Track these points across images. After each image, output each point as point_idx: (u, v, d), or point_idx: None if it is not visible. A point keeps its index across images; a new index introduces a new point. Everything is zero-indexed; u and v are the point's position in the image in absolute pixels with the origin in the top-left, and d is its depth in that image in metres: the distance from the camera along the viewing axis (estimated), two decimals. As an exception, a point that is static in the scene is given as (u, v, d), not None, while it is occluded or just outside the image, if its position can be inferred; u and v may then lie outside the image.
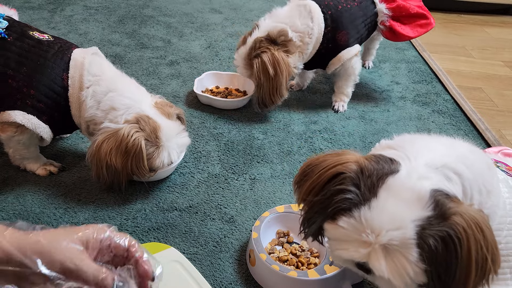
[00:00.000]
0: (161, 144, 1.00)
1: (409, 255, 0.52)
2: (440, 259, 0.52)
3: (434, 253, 0.52)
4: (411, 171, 0.56)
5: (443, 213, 0.52)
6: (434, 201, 0.53)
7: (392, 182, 0.55)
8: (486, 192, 0.62)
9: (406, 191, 0.54)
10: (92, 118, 1.01)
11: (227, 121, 1.38)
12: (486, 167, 0.64)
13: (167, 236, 0.96)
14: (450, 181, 0.57)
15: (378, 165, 0.58)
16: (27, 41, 1.00)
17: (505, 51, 2.10)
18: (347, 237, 0.56)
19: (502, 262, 0.64)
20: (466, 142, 0.67)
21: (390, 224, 0.53)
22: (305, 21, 1.30)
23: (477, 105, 1.57)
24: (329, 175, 0.59)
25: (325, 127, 1.39)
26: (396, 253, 0.53)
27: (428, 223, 0.52)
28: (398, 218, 0.53)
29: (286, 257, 0.89)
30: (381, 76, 1.73)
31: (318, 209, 0.61)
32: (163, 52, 1.79)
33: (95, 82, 1.00)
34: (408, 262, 0.52)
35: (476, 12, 2.56)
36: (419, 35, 1.41)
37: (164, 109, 1.04)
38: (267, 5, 2.43)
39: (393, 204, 0.54)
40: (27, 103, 0.97)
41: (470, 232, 0.51)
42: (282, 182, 1.14)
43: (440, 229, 0.52)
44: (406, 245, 0.52)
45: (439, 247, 0.52)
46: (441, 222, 0.52)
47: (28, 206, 1.01)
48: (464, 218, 0.52)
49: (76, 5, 2.20)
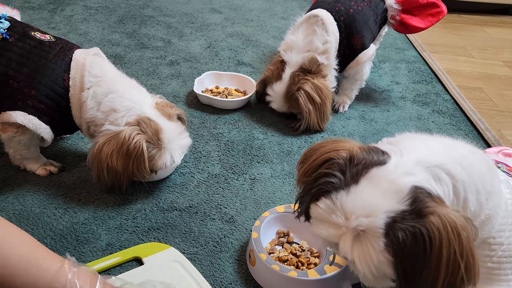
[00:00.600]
0: (163, 146, 0.99)
1: (375, 243, 0.54)
2: (407, 254, 0.52)
3: (401, 247, 0.52)
4: (398, 165, 0.57)
5: (420, 210, 0.53)
6: (412, 197, 0.54)
7: (375, 172, 0.57)
8: (485, 193, 0.61)
9: (386, 183, 0.55)
10: (93, 119, 1.01)
11: (227, 121, 1.38)
12: (486, 168, 0.64)
13: (167, 236, 0.96)
14: (438, 181, 0.57)
15: (369, 155, 0.59)
16: (29, 42, 1.00)
17: (505, 51, 2.10)
18: (323, 217, 0.59)
19: (504, 263, 0.64)
20: (468, 144, 0.67)
21: (362, 210, 0.55)
22: (323, 38, 1.28)
23: (477, 105, 1.57)
24: (322, 160, 0.62)
25: (325, 127, 1.39)
26: (364, 239, 0.55)
27: (401, 217, 0.53)
28: (371, 206, 0.54)
29: (286, 257, 0.89)
30: (381, 76, 1.73)
31: (307, 190, 0.63)
32: (163, 52, 1.79)
33: (95, 83, 1.00)
34: (373, 249, 0.54)
35: (476, 12, 2.56)
36: (431, 25, 1.37)
37: (165, 110, 1.03)
38: (267, 5, 2.43)
39: (369, 192, 0.55)
40: (28, 103, 0.97)
41: (444, 234, 0.51)
42: (282, 182, 1.14)
43: (412, 225, 0.52)
44: (374, 233, 0.54)
45: (407, 241, 0.52)
46: (415, 218, 0.52)
47: (28, 206, 1.01)
48: (441, 219, 0.52)
49: (76, 5, 2.20)
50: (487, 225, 0.62)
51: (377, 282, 0.59)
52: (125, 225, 0.98)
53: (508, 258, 0.64)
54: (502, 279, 0.65)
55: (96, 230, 0.96)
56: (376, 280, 0.58)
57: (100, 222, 0.98)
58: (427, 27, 1.38)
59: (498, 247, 0.64)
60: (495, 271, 0.64)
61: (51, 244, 0.92)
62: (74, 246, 0.92)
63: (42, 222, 0.97)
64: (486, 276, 0.64)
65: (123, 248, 0.92)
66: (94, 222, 0.98)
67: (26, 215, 0.99)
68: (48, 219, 0.98)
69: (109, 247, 0.92)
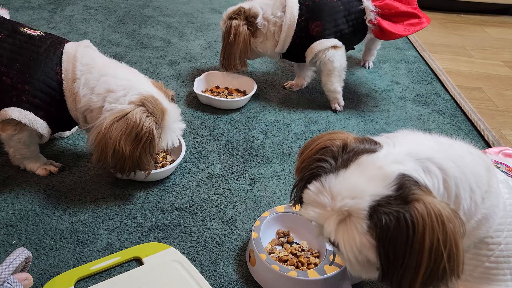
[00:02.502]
0: (166, 126, 0.99)
1: (359, 225, 0.55)
2: (390, 238, 0.53)
3: (384, 230, 0.53)
4: (388, 154, 0.58)
5: (405, 196, 0.53)
6: (398, 183, 0.54)
7: (365, 159, 0.58)
8: (481, 192, 0.61)
9: (374, 169, 0.57)
10: (88, 105, 0.98)
11: (227, 121, 1.38)
12: (483, 167, 0.64)
13: (167, 236, 0.96)
14: (428, 173, 0.57)
15: (361, 144, 0.61)
16: (19, 37, 0.99)
17: (505, 51, 2.10)
18: (311, 198, 0.60)
19: (502, 263, 0.64)
20: (467, 144, 0.67)
21: (348, 192, 0.56)
22: (275, 12, 1.38)
23: (477, 105, 1.57)
24: (318, 148, 0.64)
25: (325, 127, 1.39)
26: (348, 221, 0.56)
27: (386, 201, 0.54)
28: (357, 189, 0.56)
29: (286, 257, 0.89)
30: (381, 76, 1.73)
31: (302, 176, 0.66)
32: (163, 52, 1.79)
33: (86, 71, 0.99)
34: (357, 231, 0.55)
35: (476, 12, 2.56)
36: (410, 33, 1.37)
37: (164, 90, 1.04)
38: (267, 5, 2.43)
39: (357, 176, 0.57)
40: (22, 99, 0.96)
41: (428, 221, 0.51)
42: (282, 182, 1.14)
43: (397, 210, 0.53)
44: (358, 215, 0.55)
45: (391, 225, 0.53)
46: (400, 204, 0.53)
47: (28, 206, 1.01)
48: (426, 206, 0.52)
49: (76, 5, 2.20)
50: (484, 224, 0.62)
51: (362, 270, 0.59)
52: (125, 225, 0.98)
53: (506, 258, 0.64)
54: (500, 279, 0.65)
55: (96, 230, 0.96)
56: (360, 267, 0.58)
57: (100, 222, 0.98)
58: (405, 34, 1.36)
59: (496, 247, 0.64)
60: (493, 271, 0.64)
61: (51, 244, 0.92)
62: (74, 246, 0.92)
63: (42, 222, 0.97)
64: (484, 275, 0.64)
65: (123, 248, 0.92)
66: (94, 222, 0.98)
67: (26, 215, 0.99)
68: (48, 219, 0.98)
69: (109, 247, 0.92)
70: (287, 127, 1.38)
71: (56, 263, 0.88)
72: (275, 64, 1.76)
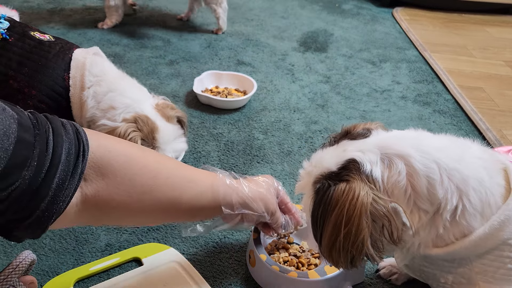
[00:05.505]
0: (157, 145, 1.00)
1: (309, 190, 0.67)
2: (316, 203, 0.64)
3: (315, 196, 0.65)
4: (360, 142, 0.66)
5: (341, 176, 0.62)
6: (344, 165, 0.63)
7: (345, 142, 0.68)
8: (487, 194, 0.61)
9: (341, 151, 0.66)
10: (92, 118, 1.01)
11: (227, 121, 1.38)
12: (497, 168, 0.65)
13: (167, 237, 0.96)
14: (388, 166, 0.61)
15: (358, 132, 0.69)
16: (28, 42, 0.99)
17: (507, 51, 2.10)
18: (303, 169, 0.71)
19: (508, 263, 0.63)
20: (477, 145, 0.68)
21: (315, 162, 0.68)
22: None
23: (478, 105, 1.57)
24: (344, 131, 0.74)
25: (325, 127, 1.38)
26: (308, 187, 0.68)
27: (329, 175, 0.64)
28: (321, 161, 0.66)
29: (286, 257, 0.89)
30: (382, 76, 1.73)
31: None
32: (163, 52, 1.78)
33: (96, 82, 1.00)
34: (307, 195, 0.67)
35: (477, 11, 2.56)
36: None
37: (164, 112, 1.04)
38: (267, 4, 2.43)
39: (329, 153, 0.67)
40: (28, 103, 0.97)
41: (341, 201, 0.60)
42: (282, 183, 1.13)
43: (328, 183, 0.62)
44: (311, 181, 0.66)
45: (320, 193, 0.64)
46: (334, 180, 0.62)
47: (27, 206, 1.01)
48: (346, 188, 0.60)
49: (75, 4, 2.20)
50: (508, 226, 0.62)
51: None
52: (125, 225, 0.98)
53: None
54: (504, 278, 0.64)
55: (95, 231, 0.96)
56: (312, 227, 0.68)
57: (99, 223, 0.98)
58: None
59: None
60: None
61: (50, 245, 0.92)
62: (73, 247, 0.92)
63: (41, 223, 0.97)
64: (507, 277, 0.64)
65: (123, 248, 0.92)
66: (93, 222, 0.98)
67: (25, 215, 0.98)
68: (47, 220, 0.98)
69: (108, 248, 0.92)
70: (287, 127, 1.37)
71: (55, 264, 0.88)
72: (275, 64, 1.76)
